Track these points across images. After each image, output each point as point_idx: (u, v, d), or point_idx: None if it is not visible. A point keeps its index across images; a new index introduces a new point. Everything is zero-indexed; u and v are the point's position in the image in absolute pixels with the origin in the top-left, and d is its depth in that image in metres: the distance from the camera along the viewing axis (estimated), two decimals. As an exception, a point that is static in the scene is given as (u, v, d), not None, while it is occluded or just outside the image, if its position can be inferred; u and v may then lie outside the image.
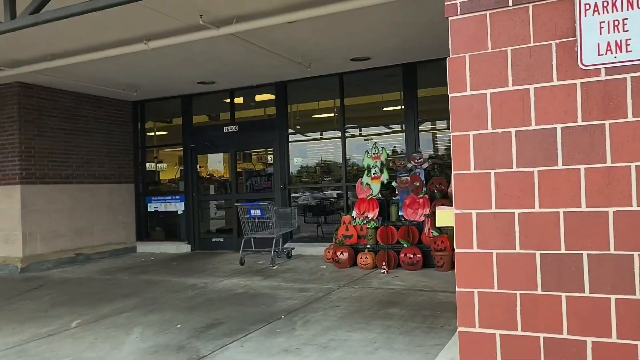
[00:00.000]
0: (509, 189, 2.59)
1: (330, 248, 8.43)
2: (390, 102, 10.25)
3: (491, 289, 2.64)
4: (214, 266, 8.63)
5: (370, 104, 10.30)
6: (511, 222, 2.59)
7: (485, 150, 2.65)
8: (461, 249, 2.72)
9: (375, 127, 10.21)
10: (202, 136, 10.92)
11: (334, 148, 13.03)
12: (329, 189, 13.56)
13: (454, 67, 2.74)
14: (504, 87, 2.61)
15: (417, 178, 8.23)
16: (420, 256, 7.30)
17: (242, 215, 8.68)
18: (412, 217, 7.94)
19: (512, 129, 2.59)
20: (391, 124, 9.76)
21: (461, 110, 2.70)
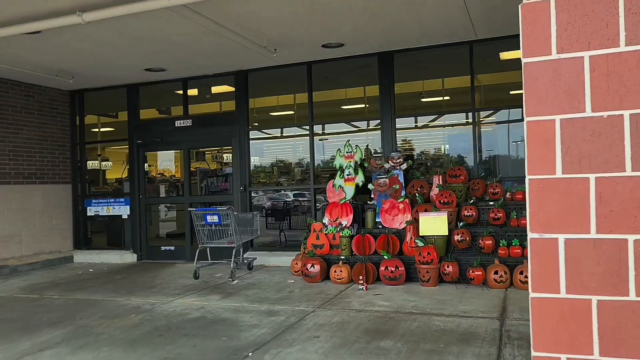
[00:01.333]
0: (619, 203, 1.70)
1: (298, 259, 7.45)
2: (364, 96, 9.37)
3: (590, 355, 1.74)
4: (164, 281, 7.47)
5: (341, 98, 9.39)
6: (622, 253, 1.70)
7: (581, 144, 1.74)
8: (540, 293, 1.80)
9: (348, 122, 9.30)
10: (150, 131, 9.69)
11: (300, 146, 12.06)
12: (295, 192, 12.58)
13: (530, 15, 1.81)
14: (613, 47, 1.71)
15: (396, 180, 7.37)
16: (403, 269, 6.43)
17: (197, 222, 7.57)
18: (392, 224, 7.06)
19: (626, 112, 1.69)
20: (365, 120, 8.87)
21: (542, 84, 1.79)
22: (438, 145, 8.52)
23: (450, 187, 7.07)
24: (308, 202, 11.02)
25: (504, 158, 7.77)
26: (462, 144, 8.08)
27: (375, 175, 7.59)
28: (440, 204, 6.85)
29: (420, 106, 8.46)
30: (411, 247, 6.68)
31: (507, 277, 5.96)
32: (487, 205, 6.91)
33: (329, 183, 7.83)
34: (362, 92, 9.16)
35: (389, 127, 8.03)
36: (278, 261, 8.41)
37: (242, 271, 7.90)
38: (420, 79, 8.53)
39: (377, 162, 7.60)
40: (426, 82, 8.95)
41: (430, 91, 8.99)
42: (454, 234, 6.58)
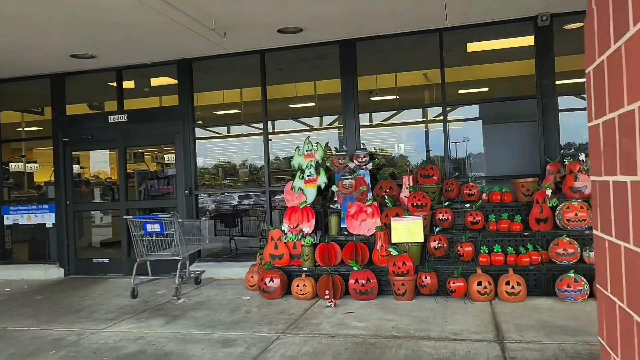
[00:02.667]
0: None
1: (253, 271, 6.56)
2: (324, 89, 8.61)
3: None
4: (95, 301, 6.38)
5: (299, 92, 8.59)
6: None
7: None
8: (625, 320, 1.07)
9: (307, 118, 8.50)
10: (79, 128, 8.48)
11: (250, 146, 11.17)
12: (240, 194, 11.68)
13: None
14: None
15: (362, 181, 6.64)
16: (375, 282, 5.70)
17: (135, 232, 6.52)
18: (359, 230, 6.32)
19: None
20: (325, 115, 8.11)
21: (616, 58, 1.05)
22: (404, 143, 7.89)
23: (422, 188, 6.42)
24: (261, 205, 10.14)
25: (475, 157, 7.22)
26: (430, 142, 7.49)
27: (338, 176, 6.83)
28: (412, 207, 6.18)
29: (383, 101, 7.81)
30: (382, 256, 5.96)
31: (491, 288, 5.36)
32: (463, 207, 6.31)
33: (287, 185, 7.00)
34: (322, 86, 8.40)
35: (352, 123, 7.29)
36: (230, 273, 7.49)
37: (189, 286, 6.92)
38: (385, 72, 7.87)
39: (341, 162, 6.84)
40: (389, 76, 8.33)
41: (393, 87, 8.35)
42: (429, 240, 5.92)
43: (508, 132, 7.23)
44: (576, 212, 5.63)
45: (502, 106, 7.41)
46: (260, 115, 7.77)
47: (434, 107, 7.25)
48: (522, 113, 7.28)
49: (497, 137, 7.24)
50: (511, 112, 7.35)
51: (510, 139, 7.15)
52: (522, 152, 6.97)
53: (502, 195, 6.29)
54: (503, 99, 7.20)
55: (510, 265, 5.54)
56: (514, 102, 7.28)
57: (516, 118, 7.29)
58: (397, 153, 7.97)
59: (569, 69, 7.02)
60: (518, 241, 5.86)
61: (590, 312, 4.77)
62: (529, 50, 6.83)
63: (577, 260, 5.44)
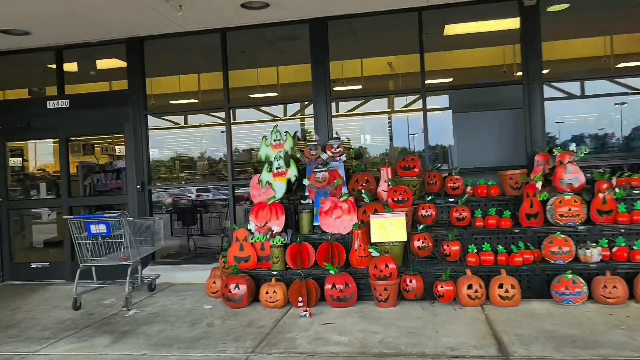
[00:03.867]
0: None
1: (215, 276, 5.84)
2: (290, 76, 7.94)
3: None
4: (30, 315, 5.51)
5: (261, 79, 7.88)
6: None
7: None
8: None
9: (272, 107, 7.80)
10: (13, 115, 7.46)
11: (212, 136, 10.38)
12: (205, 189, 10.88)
13: None
14: None
15: (336, 174, 6.01)
16: (354, 287, 5.09)
17: (77, 234, 5.67)
18: (334, 228, 5.70)
19: None
20: (293, 102, 7.42)
21: None
22: (380, 132, 7.32)
23: (402, 181, 5.85)
24: (222, 200, 9.37)
25: (455, 147, 6.71)
26: (407, 131, 6.94)
27: (309, 168, 6.19)
28: (393, 203, 5.61)
29: (352, 90, 7.19)
30: (361, 257, 5.36)
31: (482, 291, 4.84)
32: (447, 202, 5.78)
33: (254, 179, 6.29)
34: (287, 73, 7.72)
35: (323, 110, 6.64)
36: (188, 277, 6.73)
37: (142, 294, 6.13)
38: (357, 57, 7.26)
39: (313, 152, 6.19)
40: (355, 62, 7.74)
41: (359, 77, 7.76)
42: (413, 239, 5.36)
43: (486, 121, 6.78)
44: (570, 207, 5.19)
45: (480, 94, 6.94)
46: (221, 102, 7.01)
47: (409, 95, 6.68)
48: (500, 101, 6.85)
49: (472, 127, 6.77)
50: (488, 100, 6.91)
51: (491, 128, 6.70)
52: (505, 141, 6.53)
53: (488, 188, 5.80)
54: (487, 85, 6.71)
55: (501, 266, 5.05)
56: (494, 89, 6.82)
57: (494, 106, 6.85)
58: (360, 144, 7.36)
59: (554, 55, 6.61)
60: (508, 239, 5.38)
61: (593, 318, 4.32)
62: (514, 35, 6.35)
63: (572, 259, 5.00)
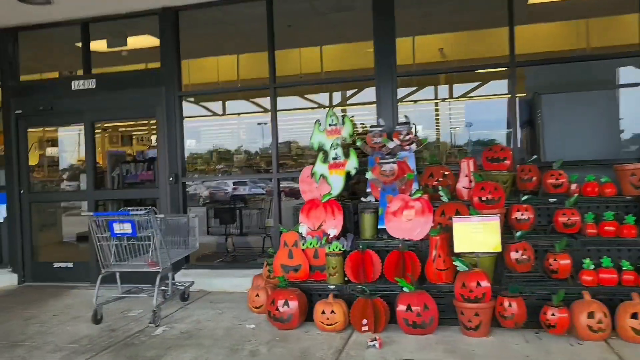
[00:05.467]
0: None
1: (258, 287, 4.87)
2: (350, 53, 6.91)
3: None
4: (44, 328, 4.67)
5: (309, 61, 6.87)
6: None
7: None
8: None
9: (316, 94, 6.79)
10: (35, 97, 6.68)
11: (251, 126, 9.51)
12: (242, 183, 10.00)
13: None
14: None
15: (405, 166, 4.94)
16: (435, 309, 4.02)
17: (99, 234, 4.79)
18: (404, 233, 4.63)
19: None
20: (352, 80, 6.36)
21: None
22: (454, 118, 6.20)
23: (489, 176, 4.73)
24: (261, 195, 8.42)
25: (552, 134, 5.52)
26: (489, 116, 5.79)
27: (372, 159, 5.13)
28: (480, 203, 4.49)
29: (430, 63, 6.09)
30: (439, 269, 4.28)
31: (607, 321, 3.70)
32: (547, 203, 4.63)
33: (304, 171, 5.28)
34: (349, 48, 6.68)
35: (388, 91, 5.55)
36: (226, 285, 5.80)
37: (173, 304, 5.23)
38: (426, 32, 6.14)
39: (377, 140, 5.13)
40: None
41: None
42: (508, 249, 4.24)
43: (582, 103, 5.58)
44: None
45: (571, 71, 5.75)
46: (266, 82, 6.02)
47: (498, 69, 5.51)
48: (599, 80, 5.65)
49: (565, 111, 5.58)
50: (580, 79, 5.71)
51: (590, 112, 5.50)
52: (613, 129, 5.31)
53: (600, 186, 4.62)
54: (594, 58, 5.48)
55: (630, 288, 3.89)
56: (589, 65, 5.61)
57: (590, 86, 5.66)
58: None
59: None
60: (633, 252, 4.20)
61: None
62: None
63: None
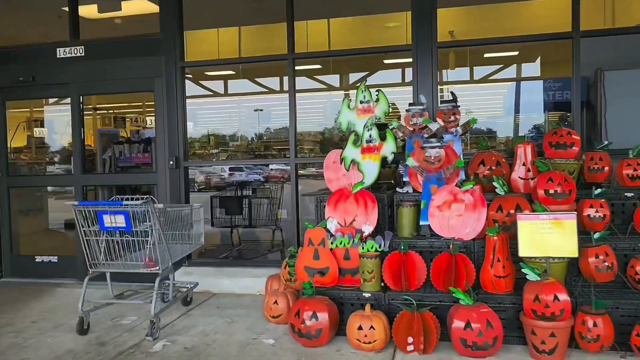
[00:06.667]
0: None
1: (277, 294, 4.11)
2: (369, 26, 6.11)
3: None
4: (20, 339, 3.90)
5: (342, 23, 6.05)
6: None
7: None
8: None
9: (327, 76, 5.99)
10: (14, 66, 5.84)
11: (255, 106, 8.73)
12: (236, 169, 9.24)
13: None
14: None
15: (452, 152, 4.17)
16: (499, 326, 3.28)
17: (85, 227, 3.99)
18: (452, 231, 3.88)
19: None
20: (385, 51, 5.56)
21: None
22: (498, 98, 5.42)
23: (555, 165, 3.97)
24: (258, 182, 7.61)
25: (616, 116, 4.77)
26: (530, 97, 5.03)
27: (410, 143, 4.36)
28: (546, 197, 3.73)
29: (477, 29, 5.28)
30: (497, 276, 3.53)
31: None
32: (623, 198, 3.89)
33: (330, 156, 4.48)
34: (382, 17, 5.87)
35: (427, 63, 4.75)
36: (235, 285, 5.04)
37: (174, 310, 4.46)
38: None
39: (417, 121, 4.35)
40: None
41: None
42: (585, 254, 3.50)
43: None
44: None
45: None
46: (283, 50, 5.20)
47: (559, 40, 4.72)
48: None
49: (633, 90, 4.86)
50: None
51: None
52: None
53: (687, 179, 3.88)
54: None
55: None
56: None
57: None
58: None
59: None
60: None
61: None
62: None
63: None
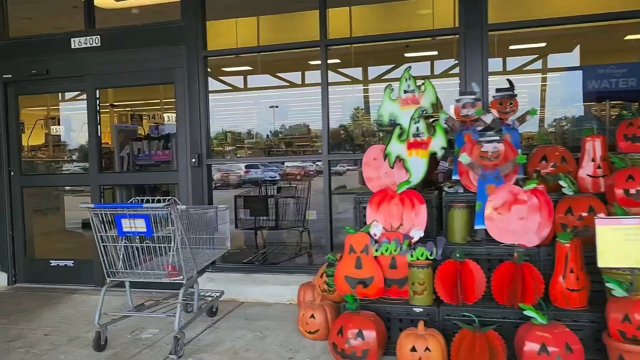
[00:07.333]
0: None
1: (313, 305, 3.68)
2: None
3: None
4: (32, 355, 3.53)
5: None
6: None
7: None
8: None
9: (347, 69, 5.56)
10: (27, 58, 5.49)
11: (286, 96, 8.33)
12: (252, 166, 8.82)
13: None
14: None
15: (510, 147, 3.69)
16: (580, 351, 2.80)
17: (102, 232, 3.60)
18: (514, 236, 3.41)
19: None
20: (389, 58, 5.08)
21: None
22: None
23: (633, 160, 3.47)
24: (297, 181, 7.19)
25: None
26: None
27: (460, 137, 3.89)
28: (626, 197, 3.24)
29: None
30: (570, 289, 3.06)
31: None
32: None
33: (369, 152, 4.02)
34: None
35: (477, 47, 4.27)
36: (263, 293, 4.63)
37: (199, 322, 4.06)
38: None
39: (469, 112, 3.88)
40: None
41: None
42: (677, 265, 3.00)
43: None
44: None
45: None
46: (315, 35, 4.76)
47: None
48: None
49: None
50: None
51: None
52: None
53: None
54: None
55: None
56: None
57: None
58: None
59: None
60: None
61: None
62: None
63: None
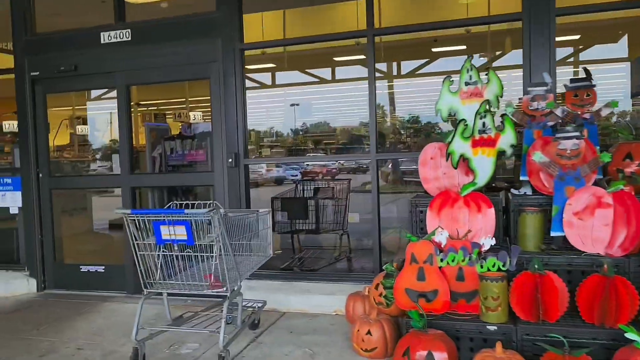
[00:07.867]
0: None
1: (369, 320, 3.33)
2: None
3: None
4: (63, 373, 3.27)
5: None
6: None
7: None
8: None
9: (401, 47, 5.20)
10: (54, 54, 5.24)
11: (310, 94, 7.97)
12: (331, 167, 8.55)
13: None
14: None
15: (589, 144, 3.30)
16: (694, 380, 2.42)
17: (139, 239, 3.31)
18: (598, 245, 3.02)
19: None
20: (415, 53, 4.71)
21: None
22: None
23: None
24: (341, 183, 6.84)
25: None
26: None
27: (529, 133, 3.50)
28: None
29: None
30: (671, 306, 2.66)
31: None
32: None
33: (425, 150, 3.65)
34: None
35: (545, 34, 3.88)
36: (306, 303, 4.30)
37: (241, 337, 3.75)
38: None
39: (539, 105, 3.49)
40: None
41: None
42: None
43: None
44: None
45: None
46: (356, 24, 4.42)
47: None
48: None
49: None
50: None
51: None
52: None
53: None
54: None
55: None
56: None
57: None
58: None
59: None
60: None
61: None
62: None
63: None
